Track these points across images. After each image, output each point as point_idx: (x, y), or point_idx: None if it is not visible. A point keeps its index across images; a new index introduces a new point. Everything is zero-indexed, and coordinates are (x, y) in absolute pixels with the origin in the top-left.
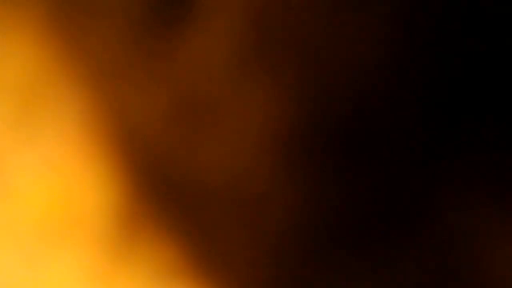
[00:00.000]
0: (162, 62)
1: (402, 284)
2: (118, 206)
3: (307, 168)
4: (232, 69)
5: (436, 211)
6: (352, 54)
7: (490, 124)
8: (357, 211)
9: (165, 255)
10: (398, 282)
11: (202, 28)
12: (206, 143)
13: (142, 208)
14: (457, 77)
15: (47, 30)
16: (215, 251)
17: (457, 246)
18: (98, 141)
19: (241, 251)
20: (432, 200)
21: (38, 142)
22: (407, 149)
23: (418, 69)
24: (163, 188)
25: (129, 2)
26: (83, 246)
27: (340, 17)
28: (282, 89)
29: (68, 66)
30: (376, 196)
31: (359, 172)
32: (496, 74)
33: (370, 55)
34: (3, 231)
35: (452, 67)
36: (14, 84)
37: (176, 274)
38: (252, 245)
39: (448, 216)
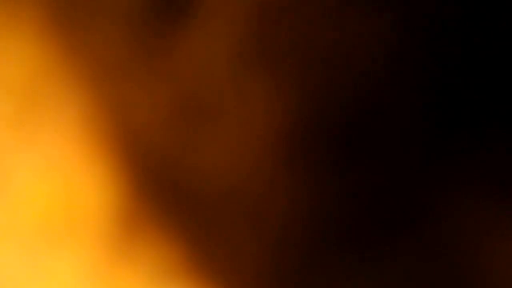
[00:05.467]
0: (164, 60)
1: (404, 283)
2: (119, 206)
3: (309, 166)
4: (234, 67)
5: (437, 211)
6: (354, 53)
7: (490, 124)
8: (358, 209)
9: (166, 255)
10: (399, 281)
11: (203, 27)
12: (208, 141)
13: (143, 208)
14: (458, 78)
15: (48, 29)
16: (216, 251)
17: (458, 246)
18: (99, 140)
19: (242, 250)
20: (433, 200)
21: (39, 141)
22: (408, 149)
23: (419, 69)
24: (164, 187)
25: (130, 0)
26: (83, 245)
27: (341, 16)
28: (284, 88)
29: (68, 65)
30: (377, 195)
31: (360, 171)
32: (497, 75)
33: (371, 54)
34: (3, 230)
35: (453, 68)
36: (15, 82)
37: (177, 274)
38: (253, 244)
39: (448, 216)
